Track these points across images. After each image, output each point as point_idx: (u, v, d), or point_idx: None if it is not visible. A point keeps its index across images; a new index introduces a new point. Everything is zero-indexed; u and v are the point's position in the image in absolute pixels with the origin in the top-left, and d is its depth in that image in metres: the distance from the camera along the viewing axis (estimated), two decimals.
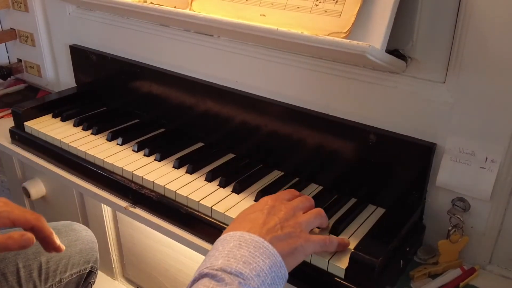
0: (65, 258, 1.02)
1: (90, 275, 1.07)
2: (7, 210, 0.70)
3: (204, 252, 0.80)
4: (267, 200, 0.67)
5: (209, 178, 0.88)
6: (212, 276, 0.53)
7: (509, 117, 0.66)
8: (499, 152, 0.69)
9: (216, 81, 0.96)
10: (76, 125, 1.08)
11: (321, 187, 0.88)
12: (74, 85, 1.26)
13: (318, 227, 0.73)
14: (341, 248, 0.69)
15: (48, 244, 0.75)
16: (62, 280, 1.01)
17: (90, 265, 1.06)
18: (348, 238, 0.73)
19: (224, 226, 0.78)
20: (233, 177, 0.87)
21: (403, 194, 0.78)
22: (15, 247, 0.69)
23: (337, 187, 0.86)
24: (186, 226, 0.83)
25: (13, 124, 1.12)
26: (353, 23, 0.67)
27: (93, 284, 1.10)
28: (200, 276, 0.54)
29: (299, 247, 0.61)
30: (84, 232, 1.08)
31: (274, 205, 0.65)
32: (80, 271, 1.04)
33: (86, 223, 1.46)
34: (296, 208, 0.66)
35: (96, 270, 1.09)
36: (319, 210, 0.69)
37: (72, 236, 1.04)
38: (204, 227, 0.81)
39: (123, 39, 1.10)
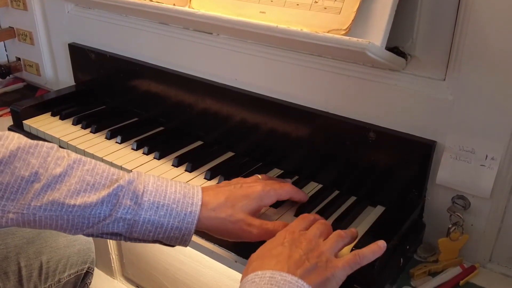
0: (64, 258, 1.02)
1: (87, 275, 1.08)
2: (276, 188, 0.72)
3: (204, 250, 0.80)
4: (284, 234, 0.63)
5: (208, 177, 0.88)
6: None
7: (509, 114, 0.66)
8: (499, 150, 0.69)
9: (216, 79, 0.96)
10: (75, 123, 1.08)
11: (320, 185, 0.88)
12: (73, 83, 1.26)
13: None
14: (377, 254, 0.63)
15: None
16: (61, 280, 1.02)
17: (87, 265, 1.06)
18: None
19: None
20: (233, 176, 0.87)
21: (403, 192, 0.78)
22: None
23: (337, 185, 0.86)
24: None
25: (12, 123, 1.12)
26: (352, 20, 0.67)
27: (89, 284, 1.10)
28: None
29: (330, 276, 0.58)
30: None
31: (293, 237, 0.62)
32: (77, 271, 1.04)
33: None
34: (316, 237, 0.63)
35: (93, 270, 1.09)
36: (339, 232, 0.66)
37: (70, 237, 1.04)
38: None
39: (122, 37, 1.10)
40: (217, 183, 0.86)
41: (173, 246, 0.68)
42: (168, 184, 0.66)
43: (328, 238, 0.64)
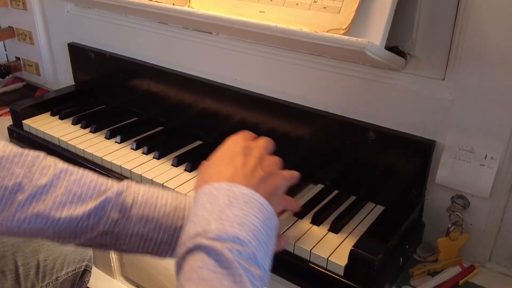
0: (62, 257, 1.02)
1: (84, 273, 1.08)
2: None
3: None
4: (236, 139, 0.65)
5: None
6: (208, 251, 0.48)
7: (508, 114, 0.66)
8: (498, 149, 0.69)
9: (215, 79, 0.96)
10: (74, 123, 1.08)
11: (320, 185, 0.88)
12: (73, 83, 1.26)
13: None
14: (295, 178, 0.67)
15: None
16: (59, 278, 1.02)
17: (84, 263, 1.06)
18: (348, 236, 0.73)
19: None
20: None
21: (403, 191, 0.78)
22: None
23: (336, 184, 0.86)
24: None
25: (11, 123, 1.12)
26: (352, 20, 0.67)
27: (88, 282, 1.10)
28: (195, 247, 0.49)
29: (279, 185, 0.61)
30: None
31: (246, 145, 0.64)
32: (75, 269, 1.04)
33: None
34: (264, 146, 0.66)
35: (90, 268, 1.09)
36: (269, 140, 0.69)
37: None
38: None
39: (121, 37, 1.10)
40: None
41: (163, 258, 0.64)
42: (159, 195, 0.63)
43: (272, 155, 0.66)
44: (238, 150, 0.62)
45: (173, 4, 0.81)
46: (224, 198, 0.54)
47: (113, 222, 0.60)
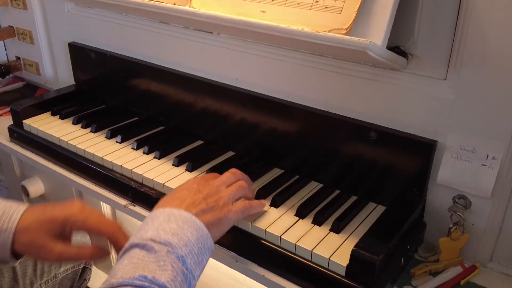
0: None
1: (84, 271, 1.07)
2: (81, 219, 0.69)
3: None
4: (193, 181, 0.72)
5: None
6: (142, 246, 0.57)
7: (510, 114, 0.66)
8: (500, 149, 0.69)
9: (216, 79, 0.96)
10: (75, 123, 1.08)
11: (321, 185, 0.88)
12: (73, 82, 1.26)
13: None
14: (261, 207, 0.77)
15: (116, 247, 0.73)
16: (57, 276, 1.02)
17: (83, 260, 1.06)
18: (349, 236, 0.73)
19: None
20: None
21: (404, 191, 0.78)
22: (87, 258, 0.73)
23: (338, 184, 0.86)
24: None
25: (11, 122, 1.11)
26: (353, 20, 0.67)
27: (88, 281, 1.10)
28: (130, 247, 0.57)
29: (223, 217, 0.67)
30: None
31: (199, 184, 0.71)
32: (74, 267, 1.04)
33: None
34: (219, 185, 0.72)
35: (91, 266, 1.09)
36: (241, 182, 0.75)
37: None
38: None
39: (122, 36, 1.10)
40: None
41: (6, 263, 0.69)
42: None
43: (230, 186, 0.73)
44: (189, 188, 0.69)
45: (174, 4, 0.81)
46: (165, 217, 0.62)
47: None
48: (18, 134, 1.09)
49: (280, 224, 0.75)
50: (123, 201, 0.90)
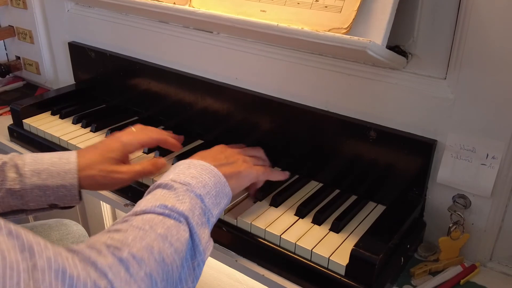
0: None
1: None
2: (136, 141, 0.82)
3: None
4: (215, 147, 0.79)
5: None
6: (164, 186, 0.63)
7: (510, 113, 0.66)
8: (500, 149, 0.69)
9: (216, 78, 0.96)
10: (75, 122, 1.08)
11: (321, 184, 0.88)
12: (73, 82, 1.26)
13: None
14: (281, 177, 0.83)
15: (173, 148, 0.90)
16: None
17: None
18: (349, 235, 0.73)
19: (226, 223, 0.78)
20: None
21: (404, 191, 0.78)
22: (151, 170, 0.81)
23: (337, 184, 0.86)
24: None
25: (11, 122, 1.11)
26: (353, 19, 0.67)
27: None
28: (154, 188, 0.64)
29: (242, 171, 0.73)
30: (75, 227, 1.09)
31: (222, 147, 0.78)
32: None
33: (85, 221, 1.46)
34: (240, 152, 0.79)
35: None
36: (261, 154, 0.83)
37: (63, 231, 1.05)
38: None
39: (122, 36, 1.10)
40: None
41: (71, 207, 0.76)
42: (44, 155, 0.74)
43: (251, 157, 0.79)
44: (212, 150, 0.76)
45: (174, 3, 0.81)
46: (185, 165, 0.68)
47: (12, 181, 0.71)
48: (18, 133, 1.09)
49: (280, 224, 0.75)
50: (123, 201, 0.90)
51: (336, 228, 0.74)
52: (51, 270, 0.43)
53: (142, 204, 0.60)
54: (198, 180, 0.65)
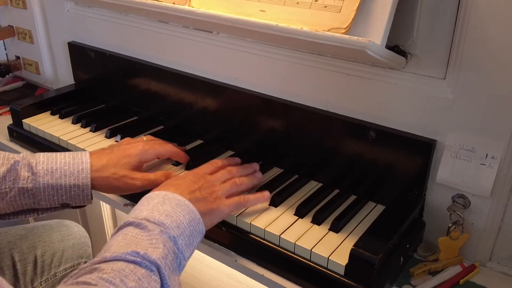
0: (59, 252, 1.02)
1: None
2: (152, 151, 0.84)
3: (204, 249, 0.80)
4: (189, 173, 0.76)
5: None
6: (136, 225, 0.60)
7: (509, 113, 0.66)
8: (499, 149, 0.69)
9: (216, 78, 0.96)
10: (74, 122, 1.08)
11: (320, 184, 0.88)
12: (73, 82, 1.26)
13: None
14: (261, 201, 0.78)
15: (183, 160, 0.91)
16: (57, 274, 1.02)
17: (83, 260, 1.07)
18: (348, 235, 0.73)
19: (225, 224, 0.78)
20: None
21: (403, 190, 0.78)
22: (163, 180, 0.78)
23: (337, 184, 0.86)
24: None
25: (11, 122, 1.11)
26: (353, 19, 0.67)
27: None
28: (125, 225, 0.61)
29: (215, 208, 0.71)
30: (76, 228, 1.09)
31: (195, 176, 0.74)
32: (73, 266, 1.05)
33: (85, 221, 1.46)
34: (214, 181, 0.75)
35: None
36: (235, 180, 0.78)
37: (64, 232, 1.06)
38: None
39: (122, 36, 1.10)
40: None
41: (82, 206, 0.77)
42: (57, 154, 0.75)
43: (225, 183, 0.76)
44: (186, 178, 0.73)
45: (174, 3, 0.81)
46: (160, 199, 0.65)
47: (25, 180, 0.72)
48: (17, 133, 1.09)
49: (280, 224, 0.75)
50: (122, 201, 0.90)
51: (336, 228, 0.74)
52: None
53: (113, 248, 0.56)
54: (173, 219, 0.62)
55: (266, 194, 0.79)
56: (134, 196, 0.89)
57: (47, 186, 0.72)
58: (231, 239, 0.77)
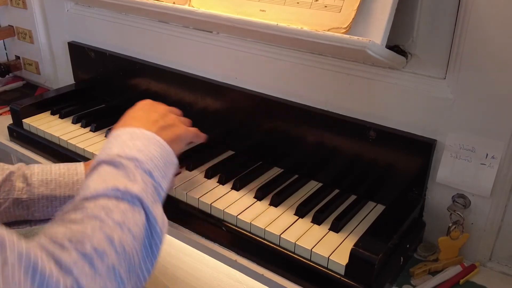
0: None
1: None
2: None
3: (204, 249, 0.80)
4: (144, 102, 0.76)
5: (209, 175, 0.88)
6: (109, 162, 0.59)
7: (509, 113, 0.66)
8: (499, 149, 0.69)
9: (215, 78, 0.96)
10: (74, 122, 1.08)
11: (321, 184, 0.88)
12: (73, 82, 1.26)
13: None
14: (203, 139, 0.83)
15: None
16: None
17: None
18: (348, 235, 0.73)
19: (224, 223, 0.78)
20: (233, 174, 0.87)
21: (403, 190, 0.78)
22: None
23: (337, 184, 0.86)
24: (185, 223, 0.83)
25: (11, 122, 1.11)
26: (353, 19, 0.67)
27: None
28: (98, 164, 0.59)
29: (182, 134, 0.73)
30: None
31: (151, 105, 0.75)
32: None
33: None
34: (168, 110, 0.77)
35: None
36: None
37: None
38: (204, 224, 0.80)
39: (122, 35, 1.10)
40: (217, 181, 0.86)
41: None
42: (51, 165, 0.75)
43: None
44: (143, 108, 0.74)
45: (174, 3, 0.81)
46: (127, 136, 0.64)
47: (20, 190, 0.71)
48: (17, 133, 1.09)
49: (280, 223, 0.75)
50: None
51: (336, 227, 0.74)
52: (21, 267, 0.42)
53: (92, 187, 0.56)
54: (145, 153, 0.62)
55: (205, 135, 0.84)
56: None
57: (41, 197, 0.72)
58: (231, 239, 0.77)
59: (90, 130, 1.05)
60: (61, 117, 1.10)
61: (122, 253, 0.52)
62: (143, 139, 0.64)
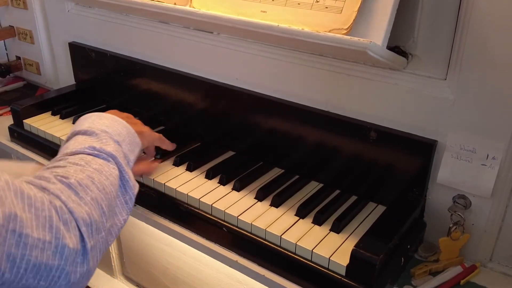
0: None
1: None
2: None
3: (204, 249, 0.80)
4: (110, 111, 0.81)
5: (210, 176, 0.88)
6: (84, 133, 0.67)
7: (510, 113, 0.66)
8: (500, 149, 0.69)
9: (216, 79, 0.96)
10: (75, 122, 1.08)
11: (321, 185, 0.88)
12: (73, 82, 1.26)
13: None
14: (170, 147, 0.91)
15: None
16: None
17: None
18: (349, 235, 0.73)
19: (225, 223, 0.78)
20: (234, 175, 0.87)
21: (404, 191, 0.78)
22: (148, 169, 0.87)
23: (338, 184, 0.86)
24: (186, 223, 0.83)
25: (12, 122, 1.11)
26: (354, 20, 0.67)
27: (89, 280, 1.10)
28: (72, 135, 0.68)
29: (145, 132, 0.80)
30: None
31: (117, 111, 0.80)
32: None
33: None
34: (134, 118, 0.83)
35: None
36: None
37: None
38: (204, 224, 0.80)
39: (122, 36, 1.10)
40: (218, 182, 0.86)
41: None
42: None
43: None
44: (111, 112, 0.78)
45: (175, 4, 0.81)
46: (96, 116, 0.72)
47: None
48: (18, 133, 1.09)
49: (280, 224, 0.75)
50: None
51: (337, 228, 0.74)
52: (10, 190, 0.48)
53: (70, 147, 0.64)
54: (113, 129, 0.70)
55: (174, 145, 0.92)
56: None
57: None
58: (232, 239, 0.77)
59: None
60: (62, 117, 1.10)
61: (102, 191, 0.59)
62: (110, 120, 0.72)
